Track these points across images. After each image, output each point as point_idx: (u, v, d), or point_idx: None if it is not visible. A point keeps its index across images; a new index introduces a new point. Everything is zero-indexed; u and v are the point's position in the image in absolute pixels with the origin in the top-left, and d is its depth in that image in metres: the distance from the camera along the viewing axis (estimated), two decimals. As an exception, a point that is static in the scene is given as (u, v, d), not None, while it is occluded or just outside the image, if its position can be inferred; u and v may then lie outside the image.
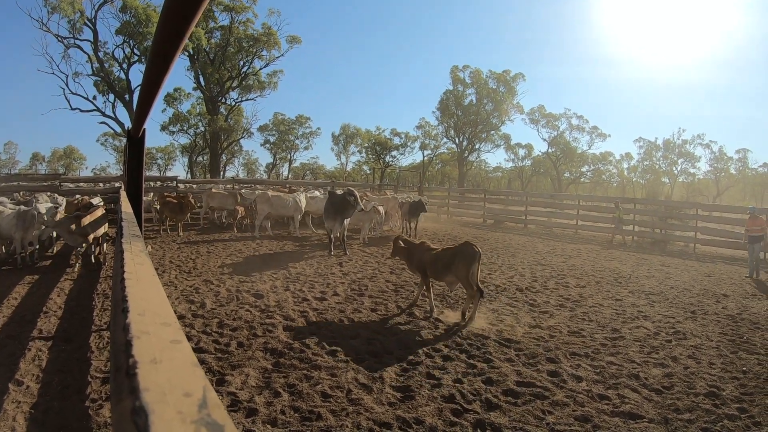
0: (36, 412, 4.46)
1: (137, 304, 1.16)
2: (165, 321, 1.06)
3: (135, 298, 1.23)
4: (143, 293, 1.31)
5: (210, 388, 0.75)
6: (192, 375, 0.79)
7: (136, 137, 6.63)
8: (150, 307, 1.15)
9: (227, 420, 0.68)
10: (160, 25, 2.25)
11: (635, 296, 9.82)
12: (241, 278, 9.83)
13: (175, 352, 0.89)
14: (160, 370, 0.79)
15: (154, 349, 0.88)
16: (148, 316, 1.07)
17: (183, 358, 0.86)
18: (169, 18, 2.10)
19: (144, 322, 1.02)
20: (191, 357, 0.87)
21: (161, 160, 59.93)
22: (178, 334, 0.98)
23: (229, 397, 4.78)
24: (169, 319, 1.08)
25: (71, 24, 36.57)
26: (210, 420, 0.67)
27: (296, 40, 43.96)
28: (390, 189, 28.78)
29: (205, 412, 0.68)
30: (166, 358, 0.84)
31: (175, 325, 1.04)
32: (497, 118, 53.67)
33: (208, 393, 0.73)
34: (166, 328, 1.01)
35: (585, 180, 61.97)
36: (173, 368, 0.81)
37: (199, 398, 0.71)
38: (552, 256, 15.09)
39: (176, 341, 0.94)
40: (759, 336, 7.48)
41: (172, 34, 2.28)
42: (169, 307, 1.20)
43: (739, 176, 61.52)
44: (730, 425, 4.64)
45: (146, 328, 0.98)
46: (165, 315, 1.11)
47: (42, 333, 6.47)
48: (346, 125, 62.18)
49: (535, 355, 6.24)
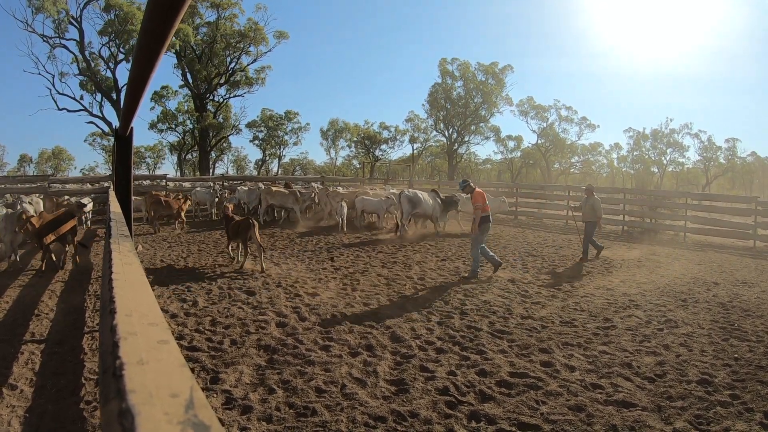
0: (31, 415, 4.44)
1: (125, 304, 1.15)
2: (152, 321, 1.05)
3: (123, 298, 1.22)
4: (131, 294, 1.30)
5: (197, 388, 0.74)
6: (179, 375, 0.79)
7: (123, 136, 6.59)
8: (137, 307, 1.14)
9: (214, 420, 0.67)
10: (144, 22, 2.23)
11: (626, 285, 9.87)
12: (232, 275, 9.81)
13: (163, 352, 0.88)
14: (146, 371, 0.79)
15: (141, 349, 0.87)
16: (136, 316, 1.06)
17: (170, 359, 0.85)
18: (153, 15, 2.09)
19: (131, 323, 1.01)
20: (178, 357, 0.86)
21: (150, 159, 59.53)
22: (165, 334, 0.97)
23: (224, 395, 4.77)
24: (156, 319, 1.08)
25: (56, 24, 36.26)
26: (197, 420, 0.66)
27: (284, 35, 43.76)
28: (381, 182, 28.86)
29: (191, 413, 0.68)
30: (153, 359, 0.84)
31: (163, 325, 1.03)
32: (486, 110, 53.70)
33: (195, 393, 0.73)
34: (153, 328, 1.01)
35: (575, 171, 62.20)
36: (160, 369, 0.81)
37: (186, 399, 0.71)
38: (543, 246, 15.15)
39: (163, 341, 0.93)
40: (750, 323, 7.54)
41: (157, 31, 2.26)
42: (157, 307, 1.20)
43: (728, 165, 61.90)
44: (723, 412, 4.67)
45: (133, 329, 0.97)
46: (152, 315, 1.10)
47: (34, 336, 6.42)
48: (335, 120, 61.99)
49: (528, 345, 6.26)
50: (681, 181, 62.83)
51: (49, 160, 60.03)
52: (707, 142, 59.65)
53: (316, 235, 15.93)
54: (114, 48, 37.86)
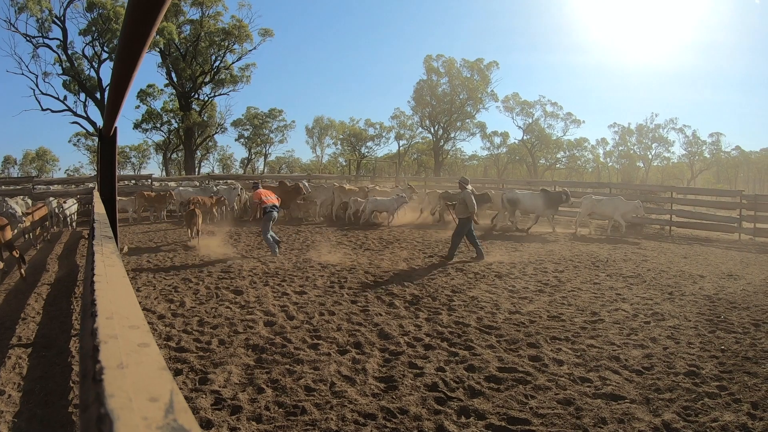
0: (19, 420, 4.39)
1: (106, 307, 1.14)
2: (133, 324, 1.04)
3: (104, 301, 1.20)
4: (112, 296, 1.28)
5: (177, 392, 0.74)
6: (159, 379, 0.78)
7: (107, 136, 6.54)
8: (118, 310, 1.13)
9: (194, 424, 0.66)
10: (126, 21, 2.21)
11: (613, 279, 9.94)
12: (219, 275, 9.76)
13: (143, 356, 0.87)
14: (126, 375, 0.78)
15: (121, 353, 0.86)
16: (117, 319, 1.05)
17: (150, 362, 0.84)
18: (134, 13, 2.06)
19: (112, 326, 1.00)
20: (159, 360, 0.85)
21: (135, 159, 59.16)
22: (146, 337, 0.96)
23: (213, 395, 4.75)
24: (137, 321, 1.06)
25: (39, 23, 35.87)
26: (176, 425, 0.65)
27: (269, 33, 43.52)
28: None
29: (171, 417, 0.67)
30: (133, 363, 0.83)
31: (144, 328, 1.02)
32: (472, 106, 53.77)
33: (175, 397, 0.72)
34: (134, 331, 0.99)
35: (560, 166, 62.41)
36: (140, 373, 0.79)
37: (166, 403, 0.70)
38: (529, 241, 15.21)
39: (144, 344, 0.92)
40: (736, 315, 7.61)
41: (138, 30, 2.24)
42: (139, 309, 1.18)
43: (712, 159, 62.50)
44: (711, 403, 4.72)
45: (114, 332, 0.96)
46: (134, 318, 1.09)
47: (21, 340, 6.36)
48: (320, 117, 61.80)
49: (516, 340, 6.29)
50: (666, 175, 63.33)
51: (34, 162, 59.40)
52: (692, 136, 60.24)
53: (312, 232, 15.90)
54: (98, 47, 37.52)
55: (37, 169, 57.97)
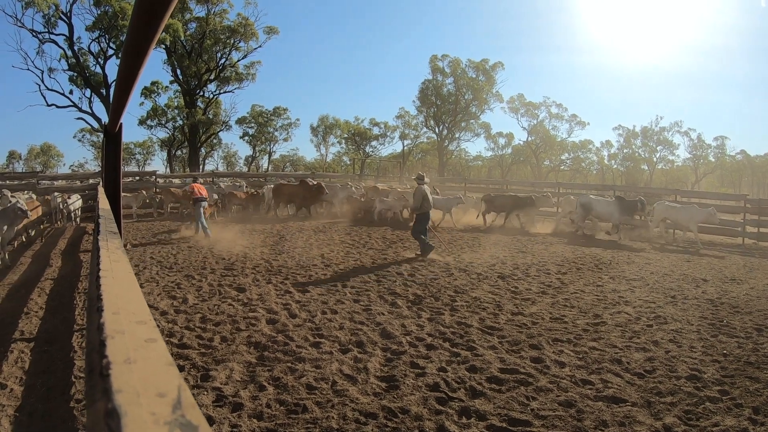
0: (21, 415, 4.41)
1: (112, 302, 1.14)
2: (140, 319, 1.04)
3: (110, 296, 1.21)
4: (119, 291, 1.29)
5: (185, 388, 0.74)
6: (166, 374, 0.78)
7: (113, 132, 6.54)
8: (125, 305, 1.13)
9: (201, 420, 0.66)
10: (133, 19, 2.21)
11: (616, 282, 9.93)
12: (222, 272, 9.78)
13: (150, 351, 0.87)
14: (134, 371, 0.78)
15: (128, 348, 0.86)
16: (123, 314, 1.05)
17: (158, 358, 0.84)
18: (141, 11, 2.07)
19: (119, 321, 1.00)
20: (166, 356, 0.85)
21: (140, 155, 59.33)
22: (153, 332, 0.96)
23: (215, 392, 4.76)
24: (144, 317, 1.07)
25: (46, 18, 35.98)
26: (184, 420, 0.65)
27: (274, 30, 43.70)
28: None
29: (179, 413, 0.67)
30: (140, 358, 0.83)
31: (151, 323, 1.02)
32: (477, 107, 53.77)
33: (183, 393, 0.72)
34: (141, 326, 1.00)
35: (565, 168, 62.36)
36: (147, 368, 0.80)
37: (174, 398, 0.70)
38: (533, 243, 15.19)
39: (151, 339, 0.92)
40: (738, 319, 7.60)
41: (146, 27, 2.24)
42: (145, 304, 1.19)
43: (717, 163, 62.32)
44: (712, 407, 4.71)
45: (121, 327, 0.96)
46: (140, 313, 1.09)
47: (24, 334, 6.37)
48: (325, 116, 61.81)
49: (518, 341, 6.28)
50: (671, 178, 63.17)
51: (38, 157, 59.59)
52: (697, 140, 60.08)
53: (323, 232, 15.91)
54: (104, 43, 37.67)
55: (41, 165, 58.12)
